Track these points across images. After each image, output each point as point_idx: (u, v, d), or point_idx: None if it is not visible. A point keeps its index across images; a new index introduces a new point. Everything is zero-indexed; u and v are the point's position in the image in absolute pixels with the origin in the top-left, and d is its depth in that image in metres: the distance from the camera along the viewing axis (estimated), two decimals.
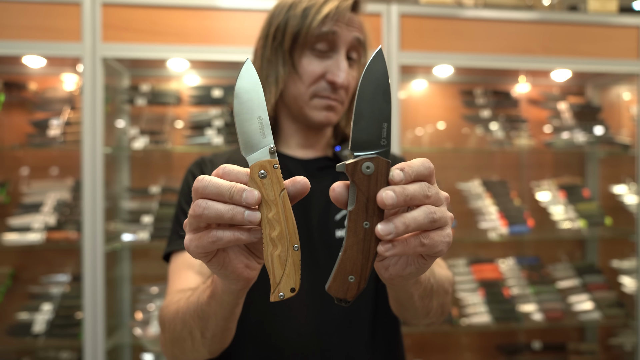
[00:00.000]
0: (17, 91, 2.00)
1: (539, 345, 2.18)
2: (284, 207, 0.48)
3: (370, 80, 0.47)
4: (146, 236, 1.93)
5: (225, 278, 0.54)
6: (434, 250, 0.46)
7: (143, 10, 1.79)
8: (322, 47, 0.86)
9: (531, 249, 2.32)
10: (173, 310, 0.73)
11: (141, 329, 1.90)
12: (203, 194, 0.47)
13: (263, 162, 0.48)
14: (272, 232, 0.48)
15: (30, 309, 1.90)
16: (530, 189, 2.30)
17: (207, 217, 0.46)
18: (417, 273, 0.52)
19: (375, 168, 0.45)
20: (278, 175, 0.48)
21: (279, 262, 0.48)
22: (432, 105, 2.32)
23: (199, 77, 2.14)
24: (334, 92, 0.88)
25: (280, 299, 0.48)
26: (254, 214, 0.46)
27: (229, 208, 0.46)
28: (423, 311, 0.76)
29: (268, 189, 0.48)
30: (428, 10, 1.94)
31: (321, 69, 0.87)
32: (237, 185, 0.46)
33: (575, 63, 2.03)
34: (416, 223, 0.45)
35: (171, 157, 2.14)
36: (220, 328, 0.66)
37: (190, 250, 0.49)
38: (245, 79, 0.50)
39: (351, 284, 0.47)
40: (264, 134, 0.49)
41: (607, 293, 2.18)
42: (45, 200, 1.94)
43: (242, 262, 0.53)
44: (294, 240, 0.48)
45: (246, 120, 0.49)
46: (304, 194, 0.50)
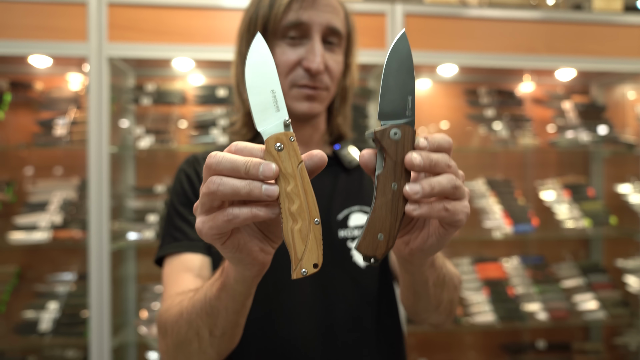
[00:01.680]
0: (23, 91, 2.01)
1: (544, 345, 2.18)
2: (302, 180, 0.46)
3: (395, 58, 0.50)
4: (151, 235, 1.94)
5: (240, 262, 0.52)
6: (454, 217, 0.49)
7: (148, 10, 1.80)
8: (294, 34, 0.83)
9: (535, 248, 2.32)
10: (175, 313, 0.69)
11: (146, 328, 1.91)
12: (217, 170, 0.45)
13: (279, 134, 0.46)
14: (291, 206, 0.46)
15: (36, 307, 1.91)
16: (535, 188, 2.30)
17: (222, 193, 0.44)
18: (437, 246, 0.55)
19: (402, 134, 0.49)
20: (295, 147, 0.46)
21: (300, 237, 0.46)
22: (436, 105, 2.32)
23: (203, 76, 2.14)
24: (312, 79, 0.84)
25: (303, 275, 0.46)
26: (272, 187, 0.44)
27: (245, 183, 0.44)
28: (435, 302, 0.76)
29: (285, 161, 0.46)
30: (432, 9, 1.95)
31: (295, 57, 0.83)
32: (253, 159, 0.45)
33: (579, 62, 2.03)
34: (440, 186, 0.48)
35: (176, 156, 2.15)
36: (231, 323, 0.63)
37: (204, 233, 0.47)
38: (256, 53, 0.49)
39: (380, 242, 0.49)
40: (278, 107, 0.48)
41: (612, 292, 2.18)
42: (51, 199, 1.95)
43: (257, 245, 0.51)
44: (314, 213, 0.47)
45: (259, 93, 0.48)
46: (321, 168, 0.48)
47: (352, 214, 0.88)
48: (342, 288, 0.84)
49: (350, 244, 0.86)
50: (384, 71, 0.50)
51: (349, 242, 0.86)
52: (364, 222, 0.82)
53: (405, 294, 0.78)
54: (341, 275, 0.84)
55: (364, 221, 0.86)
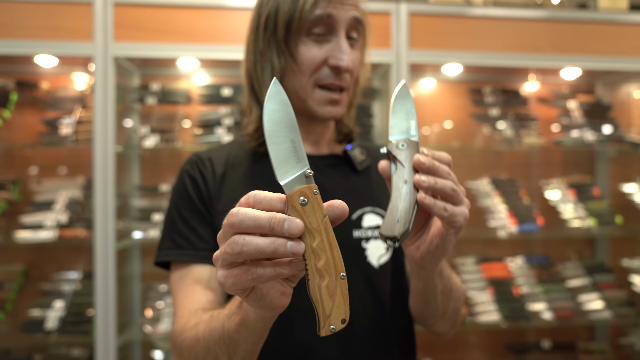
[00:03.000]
0: (29, 90, 2.02)
1: (549, 345, 2.17)
2: (327, 234, 0.45)
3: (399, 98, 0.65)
4: (156, 234, 1.95)
5: (261, 309, 0.52)
6: (453, 218, 0.60)
7: (154, 9, 1.80)
8: (319, 30, 0.80)
9: (540, 247, 2.31)
10: (191, 337, 0.69)
11: (151, 326, 1.91)
12: (240, 229, 0.44)
13: (303, 188, 0.45)
14: (317, 262, 0.45)
15: (42, 306, 1.92)
16: (540, 188, 2.29)
17: (246, 254, 0.43)
18: (442, 247, 0.64)
19: (408, 145, 0.63)
20: (319, 201, 0.45)
21: (328, 293, 0.45)
22: (440, 104, 2.32)
23: (208, 76, 2.15)
24: (338, 77, 0.82)
25: (332, 332, 0.45)
26: (298, 244, 0.43)
27: (269, 241, 0.43)
28: (442, 309, 0.82)
29: (310, 216, 0.45)
30: (437, 8, 1.94)
31: (322, 54, 0.81)
32: (276, 215, 0.43)
33: (584, 61, 2.02)
34: (441, 184, 0.59)
35: (181, 155, 2.16)
36: (250, 352, 0.63)
37: (227, 287, 0.46)
38: (274, 100, 0.47)
39: (398, 225, 0.60)
40: (299, 158, 0.47)
41: (618, 292, 2.17)
42: (57, 199, 1.96)
43: (278, 291, 0.51)
44: (340, 268, 0.45)
45: (279, 143, 0.47)
46: (343, 218, 0.47)
47: (366, 214, 0.88)
48: (357, 288, 0.84)
49: (364, 244, 0.86)
50: (391, 107, 0.65)
51: (363, 243, 0.86)
52: (376, 224, 0.87)
53: (415, 300, 0.83)
54: (356, 275, 0.84)
55: (377, 221, 0.88)
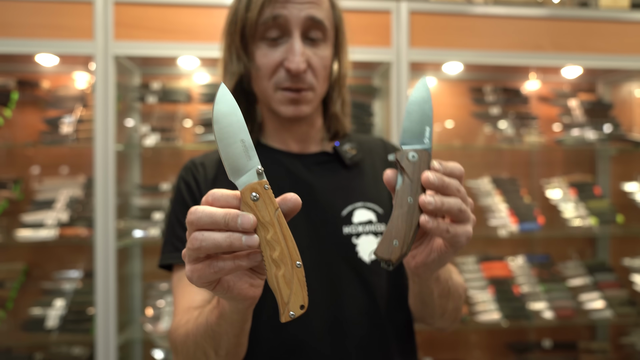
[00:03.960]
0: (30, 89, 2.03)
1: (550, 344, 2.17)
2: (280, 226, 0.48)
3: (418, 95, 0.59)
4: (157, 233, 1.95)
5: (232, 300, 0.55)
6: (456, 239, 0.56)
7: (154, 8, 1.81)
8: (273, 34, 0.80)
9: (541, 246, 2.31)
10: (183, 333, 0.73)
11: (152, 325, 1.91)
12: (198, 225, 0.47)
13: (253, 184, 0.48)
14: (272, 253, 0.48)
15: (43, 304, 1.92)
16: (541, 187, 2.29)
17: (205, 248, 0.47)
18: (439, 262, 0.61)
19: (419, 157, 0.56)
20: (270, 195, 0.48)
21: (285, 282, 0.48)
22: (441, 103, 2.32)
23: (209, 75, 2.15)
24: (295, 80, 0.81)
25: (292, 318, 0.48)
26: (251, 238, 0.46)
27: (225, 236, 0.46)
28: (440, 310, 0.81)
29: (262, 210, 0.47)
30: (437, 7, 1.94)
31: (277, 57, 0.80)
32: (230, 212, 0.46)
33: (586, 59, 2.02)
34: (449, 205, 0.55)
35: (182, 154, 2.16)
36: (233, 344, 0.66)
37: (194, 281, 0.50)
38: (222, 103, 0.50)
39: (395, 247, 0.55)
40: (249, 156, 0.49)
41: (619, 291, 2.17)
42: (58, 197, 1.97)
43: (246, 283, 0.53)
44: (295, 257, 0.48)
45: (229, 144, 0.49)
46: (297, 210, 0.50)
47: (356, 210, 0.87)
48: (349, 284, 0.84)
49: (355, 240, 0.85)
50: (408, 104, 0.59)
51: (354, 239, 0.85)
52: (367, 219, 0.86)
53: (413, 301, 0.83)
54: (347, 271, 0.84)
55: (369, 216, 0.87)
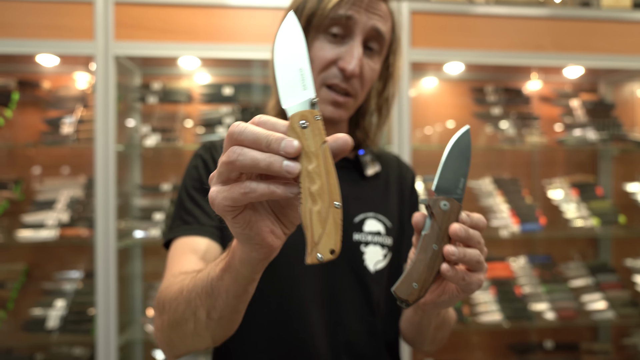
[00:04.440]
0: (31, 90, 2.03)
1: (551, 345, 2.16)
2: (325, 160, 0.44)
3: (458, 146, 0.62)
4: (157, 233, 1.95)
5: (248, 241, 0.49)
6: (469, 287, 0.60)
7: (155, 8, 1.80)
8: (337, 31, 0.81)
9: (543, 247, 2.30)
10: (176, 290, 0.67)
11: (152, 326, 1.91)
12: (238, 140, 0.43)
13: (304, 111, 0.45)
14: (311, 186, 0.44)
15: (44, 305, 1.92)
16: (542, 187, 2.28)
17: (241, 163, 0.42)
18: (448, 303, 0.64)
19: (450, 207, 0.59)
20: (320, 126, 0.45)
21: (319, 219, 0.44)
22: (442, 103, 2.31)
23: (209, 75, 2.15)
24: (345, 81, 0.82)
25: (319, 261, 0.44)
26: (293, 164, 0.42)
27: (266, 156, 0.42)
28: (431, 339, 0.86)
29: (309, 139, 0.44)
30: (439, 7, 1.94)
31: (333, 55, 0.81)
32: (275, 133, 0.43)
33: (588, 59, 2.01)
34: (469, 256, 0.58)
35: (182, 154, 2.16)
36: (230, 308, 0.60)
37: (216, 203, 0.45)
38: (287, 29, 0.48)
39: (413, 289, 0.58)
40: (305, 86, 0.46)
41: (621, 292, 2.16)
42: (59, 198, 1.96)
43: (268, 226, 0.49)
44: (335, 196, 0.44)
45: (286, 70, 0.47)
46: (345, 152, 0.46)
47: (368, 219, 0.89)
48: (351, 289, 0.85)
49: (363, 248, 0.87)
50: (446, 154, 0.61)
51: (362, 246, 0.87)
52: (377, 230, 0.89)
53: (408, 327, 0.87)
54: (351, 277, 0.85)
55: (378, 228, 0.89)
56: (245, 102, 2.07)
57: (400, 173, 0.98)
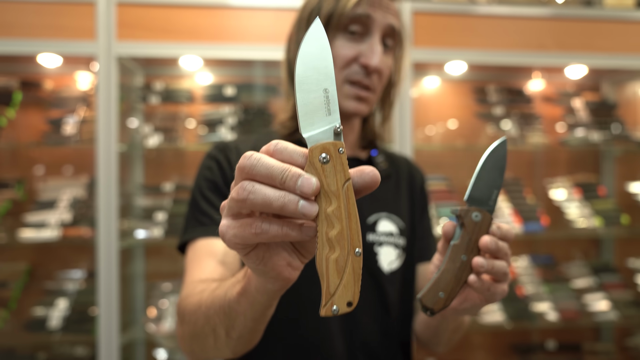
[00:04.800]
0: (33, 90, 2.03)
1: (554, 345, 2.16)
2: (347, 201, 0.39)
3: (493, 157, 0.61)
4: (160, 233, 1.95)
5: (263, 275, 0.47)
6: (493, 297, 0.61)
7: (156, 8, 1.81)
8: (355, 29, 0.84)
9: (545, 247, 2.29)
10: (195, 302, 0.65)
11: (154, 325, 1.91)
12: (250, 174, 0.39)
13: (326, 144, 0.39)
14: (330, 231, 0.39)
15: (46, 304, 1.92)
16: (544, 187, 2.28)
17: (252, 202, 0.39)
18: (469, 311, 0.65)
19: (482, 218, 0.60)
20: (343, 161, 0.40)
21: (336, 268, 0.39)
22: (444, 103, 2.31)
23: (211, 75, 2.15)
24: (367, 76, 0.84)
25: (334, 314, 0.40)
26: (310, 205, 0.38)
27: (279, 195, 0.38)
28: (446, 341, 0.88)
29: (330, 177, 0.39)
30: (441, 7, 1.93)
31: (354, 52, 0.84)
32: (291, 169, 0.38)
33: (590, 59, 2.00)
34: (497, 268, 0.59)
35: (184, 155, 2.16)
36: (249, 329, 0.58)
37: (227, 239, 0.42)
38: (312, 42, 0.41)
39: (440, 299, 0.59)
40: (329, 111, 0.41)
41: (624, 293, 2.15)
42: (61, 198, 1.97)
43: (284, 259, 0.45)
44: (356, 243, 0.40)
45: (309, 91, 0.41)
46: (373, 188, 0.42)
47: (381, 219, 0.89)
48: (365, 291, 0.85)
49: (376, 248, 0.87)
50: (481, 164, 0.61)
51: (376, 247, 0.87)
52: (390, 230, 0.89)
53: (424, 330, 0.88)
54: (365, 279, 0.85)
55: (391, 228, 0.90)
56: (247, 102, 2.07)
57: (410, 174, 0.99)
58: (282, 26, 1.53)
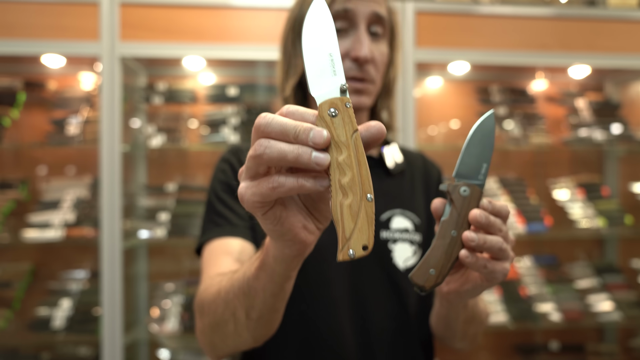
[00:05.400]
0: (37, 90, 2.04)
1: (557, 346, 2.15)
2: (356, 150, 0.42)
3: (480, 130, 0.59)
4: (163, 233, 1.95)
5: (280, 238, 0.48)
6: (492, 275, 0.58)
7: (160, 9, 1.81)
8: (340, 25, 0.84)
9: (548, 247, 2.29)
10: (214, 292, 0.67)
11: (158, 325, 1.92)
12: (265, 132, 0.42)
13: (334, 99, 0.43)
14: (342, 178, 0.42)
15: (50, 304, 1.93)
16: (548, 187, 2.27)
17: (268, 157, 0.41)
18: (472, 292, 0.63)
19: (471, 192, 0.58)
20: (350, 114, 0.43)
21: (350, 213, 0.42)
22: (447, 103, 2.30)
23: (214, 75, 2.15)
24: (361, 69, 0.84)
25: (350, 257, 0.42)
26: (322, 155, 0.41)
27: (294, 147, 0.41)
28: (461, 334, 0.85)
29: (339, 128, 0.42)
30: (443, 6, 1.93)
31: (343, 49, 0.84)
32: (303, 124, 0.41)
33: (594, 59, 2.00)
34: (490, 243, 0.56)
35: (187, 155, 2.16)
36: (268, 307, 0.59)
37: (245, 199, 0.44)
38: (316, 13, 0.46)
39: (431, 276, 0.57)
40: (335, 71, 0.44)
41: (627, 293, 2.14)
42: (64, 198, 1.97)
43: (300, 222, 0.47)
44: (367, 188, 0.42)
45: (315, 55, 0.45)
46: (379, 140, 0.44)
47: (395, 216, 0.89)
48: (380, 287, 0.85)
49: (391, 245, 0.87)
50: (468, 139, 0.59)
51: (390, 244, 0.87)
52: (404, 227, 0.88)
53: (436, 321, 0.85)
54: (380, 275, 0.85)
55: (406, 225, 0.89)
56: (250, 103, 2.07)
57: (426, 170, 0.98)
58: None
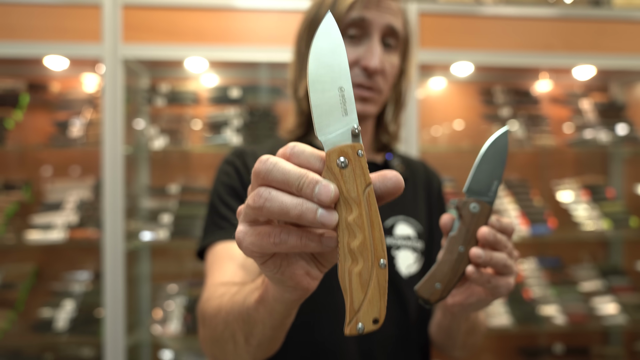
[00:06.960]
0: (40, 92, 2.05)
1: (561, 349, 2.14)
2: (369, 208, 0.37)
3: (493, 147, 0.60)
4: (165, 235, 1.95)
5: (280, 284, 0.45)
6: (496, 290, 0.60)
7: (162, 11, 1.81)
8: (353, 32, 0.84)
9: (552, 249, 2.27)
10: (215, 306, 0.65)
11: (160, 327, 1.92)
12: (266, 180, 0.37)
13: (344, 146, 0.37)
14: (351, 242, 0.37)
15: (53, 305, 1.93)
16: (552, 189, 2.26)
17: (268, 210, 0.37)
18: (476, 306, 0.65)
19: (480, 209, 0.59)
20: (363, 165, 0.37)
21: (360, 282, 0.37)
22: (451, 104, 2.29)
23: (217, 77, 2.15)
24: (369, 78, 0.84)
25: (359, 332, 0.37)
26: (329, 214, 0.36)
27: (297, 202, 0.36)
28: (461, 344, 0.86)
29: (349, 182, 0.37)
30: (447, 8, 1.92)
31: (354, 56, 0.84)
32: (309, 175, 0.36)
33: (598, 60, 1.98)
34: (495, 260, 0.58)
35: (190, 157, 2.16)
36: (267, 337, 0.57)
37: (244, 246, 0.40)
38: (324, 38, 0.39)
39: (436, 290, 0.59)
40: (346, 111, 0.38)
41: (633, 296, 2.13)
42: (67, 199, 1.98)
43: (303, 269, 0.43)
44: (380, 253, 0.37)
45: (323, 90, 0.38)
46: (396, 195, 0.40)
47: (398, 223, 0.89)
48: None
49: (394, 252, 0.87)
50: (481, 155, 0.60)
51: (393, 250, 0.87)
52: (407, 234, 0.89)
53: (436, 330, 0.86)
54: None
55: (408, 232, 0.90)
56: (253, 104, 2.07)
57: (428, 178, 0.99)
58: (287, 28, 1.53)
